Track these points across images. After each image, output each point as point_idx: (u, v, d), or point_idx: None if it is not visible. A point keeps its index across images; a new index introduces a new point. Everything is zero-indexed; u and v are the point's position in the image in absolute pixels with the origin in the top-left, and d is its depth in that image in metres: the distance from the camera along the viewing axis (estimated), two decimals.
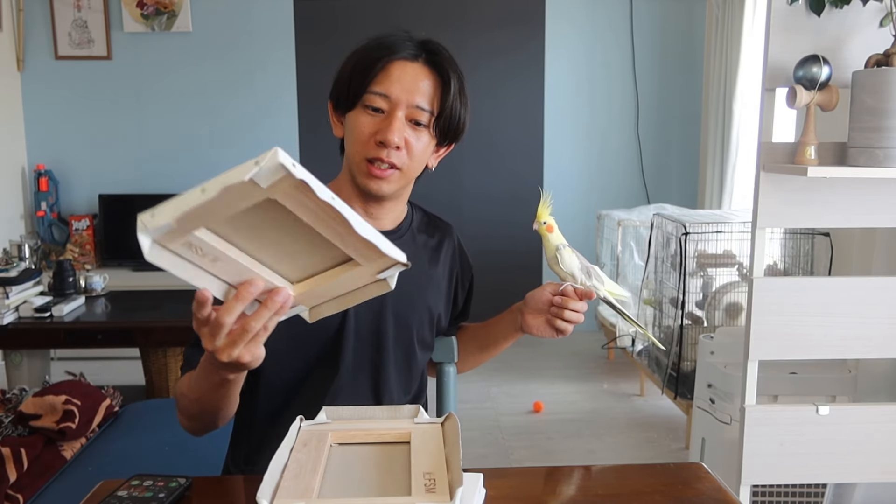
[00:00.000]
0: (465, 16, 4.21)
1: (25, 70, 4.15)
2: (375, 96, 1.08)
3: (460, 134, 1.16)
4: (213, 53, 4.19)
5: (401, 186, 1.15)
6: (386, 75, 1.08)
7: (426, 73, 1.10)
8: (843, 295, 1.79)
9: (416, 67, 1.10)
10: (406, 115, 1.09)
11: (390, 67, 1.08)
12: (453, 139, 1.16)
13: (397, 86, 1.08)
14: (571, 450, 2.97)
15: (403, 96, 1.08)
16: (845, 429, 1.83)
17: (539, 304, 1.17)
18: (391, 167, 1.10)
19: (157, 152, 4.26)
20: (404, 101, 1.08)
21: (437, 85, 1.10)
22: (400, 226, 1.22)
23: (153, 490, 0.88)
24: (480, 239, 4.19)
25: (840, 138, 1.72)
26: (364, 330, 1.17)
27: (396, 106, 1.08)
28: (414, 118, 1.09)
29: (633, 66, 4.29)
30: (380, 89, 1.08)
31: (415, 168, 1.13)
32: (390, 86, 1.08)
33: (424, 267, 1.24)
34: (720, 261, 2.91)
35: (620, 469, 1.04)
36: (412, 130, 1.10)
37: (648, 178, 4.37)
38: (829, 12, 1.71)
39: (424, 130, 1.11)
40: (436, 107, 1.10)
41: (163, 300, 3.06)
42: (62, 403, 1.97)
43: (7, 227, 3.98)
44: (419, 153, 1.12)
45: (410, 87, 1.08)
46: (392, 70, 1.08)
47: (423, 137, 1.11)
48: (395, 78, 1.08)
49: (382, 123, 1.08)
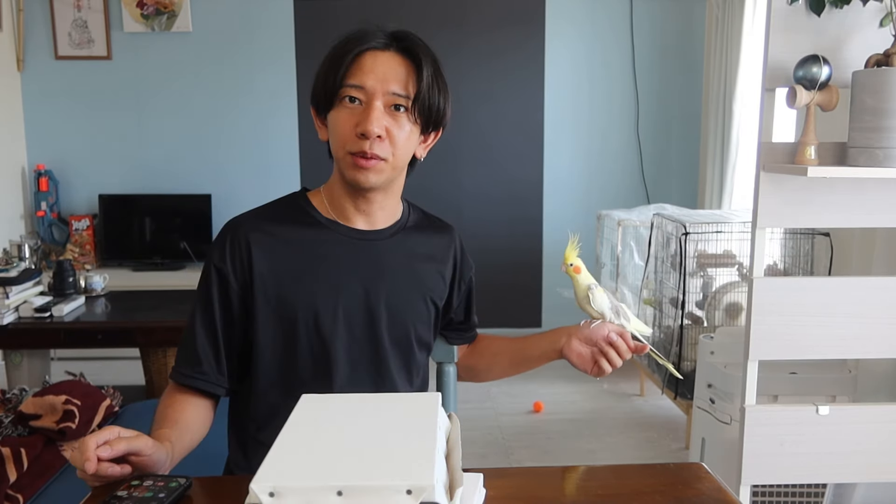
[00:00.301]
0: (465, 16, 4.21)
1: (25, 70, 4.15)
2: (351, 88, 1.09)
3: (442, 119, 1.16)
4: (213, 53, 4.19)
5: (389, 177, 1.14)
6: (358, 67, 1.09)
7: (398, 60, 1.11)
8: (843, 295, 1.79)
9: (387, 55, 1.10)
10: (384, 102, 1.09)
11: (361, 59, 1.09)
12: (436, 125, 1.16)
13: (371, 75, 1.08)
14: (571, 450, 2.97)
15: (378, 85, 1.08)
16: (845, 429, 1.83)
17: (595, 336, 1.20)
18: (375, 158, 1.10)
19: (157, 152, 4.26)
20: (380, 89, 1.08)
21: (410, 69, 1.11)
22: (393, 224, 1.22)
23: (153, 490, 0.87)
24: (480, 239, 4.19)
25: (840, 138, 1.72)
26: (359, 331, 1.17)
27: (373, 95, 1.08)
28: (392, 104, 1.10)
29: (633, 66, 4.29)
30: (354, 81, 1.09)
31: (401, 157, 1.13)
32: (364, 76, 1.08)
33: (419, 266, 1.23)
34: (720, 261, 2.91)
35: (620, 469, 1.04)
36: (392, 118, 1.10)
37: (648, 178, 4.37)
38: (829, 12, 1.71)
39: (404, 116, 1.11)
40: (411, 90, 1.10)
41: (163, 300, 3.06)
42: (62, 403, 1.97)
43: (7, 227, 3.98)
44: (403, 141, 1.12)
45: (384, 74, 1.09)
46: (364, 61, 1.09)
47: (404, 125, 1.11)
48: (367, 68, 1.09)
49: (361, 115, 1.09)
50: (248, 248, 1.14)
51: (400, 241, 1.22)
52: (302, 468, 0.76)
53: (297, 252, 1.15)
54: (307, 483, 0.73)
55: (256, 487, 0.72)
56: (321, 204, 1.20)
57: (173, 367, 1.18)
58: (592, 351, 1.21)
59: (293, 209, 1.20)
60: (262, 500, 0.72)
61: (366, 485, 0.72)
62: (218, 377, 1.16)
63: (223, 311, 1.15)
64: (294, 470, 0.75)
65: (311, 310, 1.13)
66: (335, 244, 1.17)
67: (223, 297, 1.15)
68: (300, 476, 0.74)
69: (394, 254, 1.20)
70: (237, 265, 1.14)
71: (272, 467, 0.75)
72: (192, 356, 1.15)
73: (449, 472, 0.80)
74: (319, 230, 1.17)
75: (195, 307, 1.16)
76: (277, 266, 1.14)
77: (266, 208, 1.21)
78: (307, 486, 0.72)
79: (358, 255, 1.17)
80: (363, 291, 1.16)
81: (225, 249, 1.15)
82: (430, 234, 1.27)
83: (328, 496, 0.72)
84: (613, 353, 1.19)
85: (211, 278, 1.15)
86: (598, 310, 1.20)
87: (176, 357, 1.18)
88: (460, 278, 1.31)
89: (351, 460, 0.77)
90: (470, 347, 1.41)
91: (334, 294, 1.15)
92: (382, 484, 0.72)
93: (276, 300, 1.14)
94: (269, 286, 1.14)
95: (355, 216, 1.19)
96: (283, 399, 1.15)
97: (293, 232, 1.17)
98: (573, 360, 1.22)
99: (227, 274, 1.14)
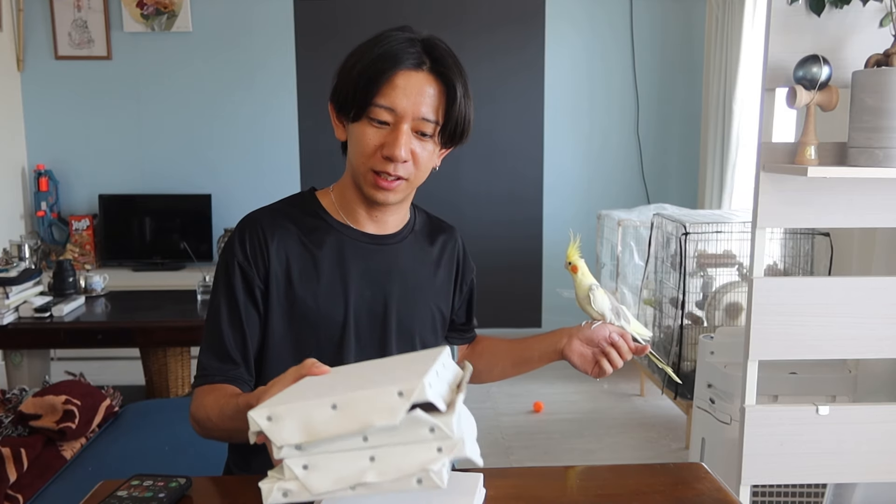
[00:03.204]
0: (465, 16, 4.21)
1: (25, 70, 4.15)
2: (381, 109, 1.06)
3: (465, 134, 1.15)
4: (213, 53, 4.19)
5: (407, 193, 1.15)
6: (391, 87, 1.06)
7: (431, 82, 1.08)
8: (843, 295, 1.79)
9: (420, 77, 1.07)
10: (412, 126, 1.08)
11: (395, 79, 1.06)
12: (459, 141, 1.16)
13: (403, 99, 1.06)
14: (571, 450, 2.97)
15: (409, 108, 1.06)
16: (845, 429, 1.83)
17: (595, 337, 1.20)
18: (398, 178, 1.09)
19: (157, 152, 4.26)
20: (410, 113, 1.06)
21: (442, 93, 1.08)
22: (402, 229, 1.22)
23: (153, 490, 0.88)
24: (480, 239, 4.19)
25: (840, 138, 1.72)
26: (366, 335, 1.16)
27: (402, 119, 1.07)
28: (419, 129, 1.08)
29: (633, 66, 4.29)
30: (385, 102, 1.06)
31: (421, 175, 1.13)
32: (395, 99, 1.06)
33: (427, 271, 1.24)
34: (720, 261, 2.91)
35: (620, 469, 1.04)
36: (418, 141, 1.09)
37: (648, 178, 4.37)
38: (829, 12, 1.71)
39: (430, 140, 1.10)
40: (441, 116, 1.09)
41: (163, 300, 3.06)
42: (62, 403, 1.96)
43: (7, 227, 3.97)
44: (425, 162, 1.11)
45: (416, 98, 1.06)
46: (397, 82, 1.06)
47: (428, 146, 1.11)
48: (400, 90, 1.06)
49: (388, 137, 1.07)
50: (266, 244, 1.12)
51: (408, 246, 1.22)
52: (299, 395, 0.77)
53: (309, 253, 1.14)
54: (302, 402, 0.73)
55: (255, 414, 0.73)
56: (331, 205, 1.19)
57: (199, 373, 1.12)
58: (594, 351, 1.21)
59: (305, 209, 1.19)
60: (261, 424, 0.72)
61: (358, 394, 0.72)
62: (248, 376, 1.13)
63: (250, 308, 1.13)
64: (291, 397, 0.76)
65: (320, 312, 1.13)
66: (347, 247, 1.16)
67: (249, 294, 1.12)
68: (296, 399, 0.75)
69: (403, 259, 1.20)
70: (258, 261, 1.12)
71: (272, 401, 0.76)
72: (223, 355, 1.11)
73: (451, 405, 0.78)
74: (331, 233, 1.16)
75: (219, 306, 1.12)
76: (290, 266, 1.13)
77: (280, 206, 1.19)
78: (302, 405, 0.73)
79: (368, 260, 1.17)
80: (373, 296, 1.16)
81: (245, 245, 1.12)
82: (434, 237, 1.27)
83: (323, 411, 0.72)
84: (615, 353, 1.19)
85: (234, 276, 1.12)
86: (598, 310, 1.20)
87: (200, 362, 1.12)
88: (462, 280, 1.31)
89: (348, 384, 0.78)
90: (470, 348, 1.41)
91: (344, 298, 1.14)
92: (374, 392, 0.72)
93: (287, 300, 1.13)
94: (281, 285, 1.13)
95: (366, 221, 1.18)
96: None
97: (306, 232, 1.16)
98: (574, 360, 1.22)
99: (249, 270, 1.12)
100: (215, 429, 1.03)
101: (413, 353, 0.96)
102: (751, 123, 3.66)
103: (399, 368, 0.83)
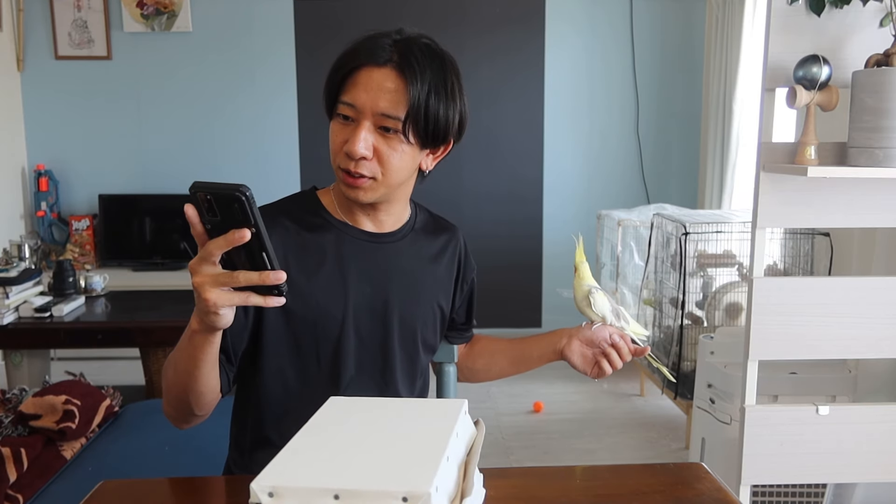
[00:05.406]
0: (465, 16, 4.21)
1: (25, 70, 4.15)
2: (344, 106, 1.07)
3: (450, 133, 1.12)
4: (213, 53, 4.19)
5: (384, 194, 1.12)
6: (353, 83, 1.06)
7: (392, 78, 1.05)
8: (843, 295, 1.79)
9: (382, 73, 1.05)
10: (374, 122, 1.06)
11: (357, 75, 1.06)
12: (442, 140, 1.12)
13: (362, 94, 1.05)
14: (571, 450, 2.97)
15: (368, 104, 1.05)
16: (845, 429, 1.83)
17: (595, 338, 1.21)
18: (362, 177, 1.08)
19: (157, 152, 4.26)
20: (369, 108, 1.05)
21: (404, 88, 1.05)
22: (401, 228, 1.22)
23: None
24: (480, 239, 4.19)
25: (840, 138, 1.72)
26: (366, 333, 1.16)
27: (362, 114, 1.06)
28: (381, 125, 1.06)
29: (633, 66, 4.29)
30: (347, 98, 1.06)
31: (394, 176, 1.10)
32: (356, 94, 1.06)
33: (427, 269, 1.23)
34: (720, 261, 2.91)
35: (620, 469, 1.04)
36: (382, 138, 1.07)
37: (648, 178, 4.37)
38: (829, 12, 1.71)
39: (395, 137, 1.07)
40: (401, 111, 1.05)
41: (163, 300, 3.06)
42: (62, 403, 1.96)
43: (7, 227, 3.97)
44: (395, 162, 1.08)
45: (375, 93, 1.05)
46: (359, 78, 1.06)
47: (396, 145, 1.08)
48: (360, 86, 1.05)
49: (350, 133, 1.07)
50: None
51: (409, 245, 1.21)
52: (303, 470, 0.76)
53: (309, 251, 1.14)
54: (305, 485, 0.73)
55: (256, 487, 0.73)
56: (331, 204, 1.19)
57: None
58: (594, 352, 1.21)
59: (306, 208, 1.19)
60: (262, 499, 0.73)
61: (362, 489, 0.72)
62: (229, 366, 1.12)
63: None
64: (295, 471, 0.76)
65: (320, 310, 1.13)
66: (346, 245, 1.16)
67: None
68: (300, 478, 0.74)
69: (403, 257, 1.20)
70: None
71: (275, 468, 0.76)
72: None
73: (464, 481, 0.80)
74: (331, 231, 1.16)
75: None
76: (290, 263, 1.12)
77: (280, 203, 1.19)
78: (305, 488, 0.72)
79: (368, 258, 1.17)
80: (373, 294, 1.16)
81: None
82: (436, 236, 1.27)
83: (325, 499, 0.72)
84: (615, 354, 1.19)
85: None
86: (599, 313, 1.21)
87: None
88: (463, 279, 1.31)
89: (354, 464, 0.77)
90: (469, 347, 1.41)
91: (344, 296, 1.14)
92: (379, 489, 0.72)
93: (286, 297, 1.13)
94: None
95: (363, 219, 1.18)
96: (286, 399, 1.15)
97: (306, 230, 1.16)
98: (574, 361, 1.23)
99: None
100: (168, 382, 1.01)
101: (430, 405, 0.94)
102: (751, 123, 3.66)
103: (411, 442, 0.82)
